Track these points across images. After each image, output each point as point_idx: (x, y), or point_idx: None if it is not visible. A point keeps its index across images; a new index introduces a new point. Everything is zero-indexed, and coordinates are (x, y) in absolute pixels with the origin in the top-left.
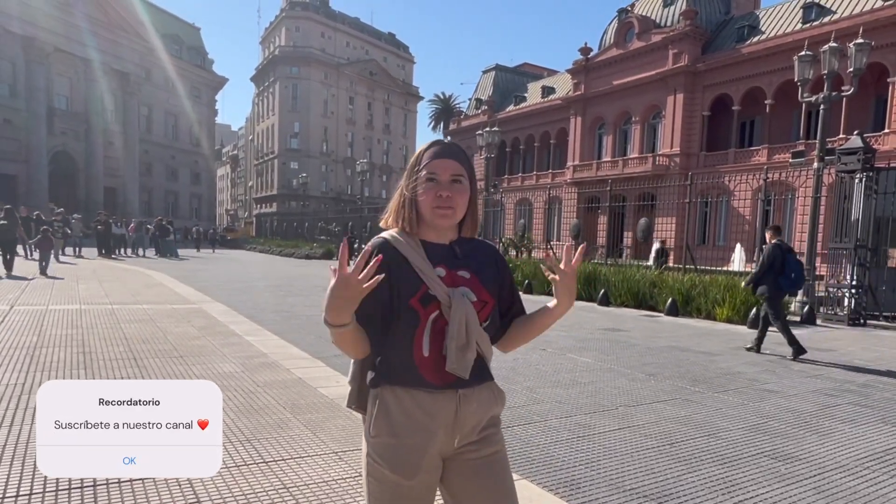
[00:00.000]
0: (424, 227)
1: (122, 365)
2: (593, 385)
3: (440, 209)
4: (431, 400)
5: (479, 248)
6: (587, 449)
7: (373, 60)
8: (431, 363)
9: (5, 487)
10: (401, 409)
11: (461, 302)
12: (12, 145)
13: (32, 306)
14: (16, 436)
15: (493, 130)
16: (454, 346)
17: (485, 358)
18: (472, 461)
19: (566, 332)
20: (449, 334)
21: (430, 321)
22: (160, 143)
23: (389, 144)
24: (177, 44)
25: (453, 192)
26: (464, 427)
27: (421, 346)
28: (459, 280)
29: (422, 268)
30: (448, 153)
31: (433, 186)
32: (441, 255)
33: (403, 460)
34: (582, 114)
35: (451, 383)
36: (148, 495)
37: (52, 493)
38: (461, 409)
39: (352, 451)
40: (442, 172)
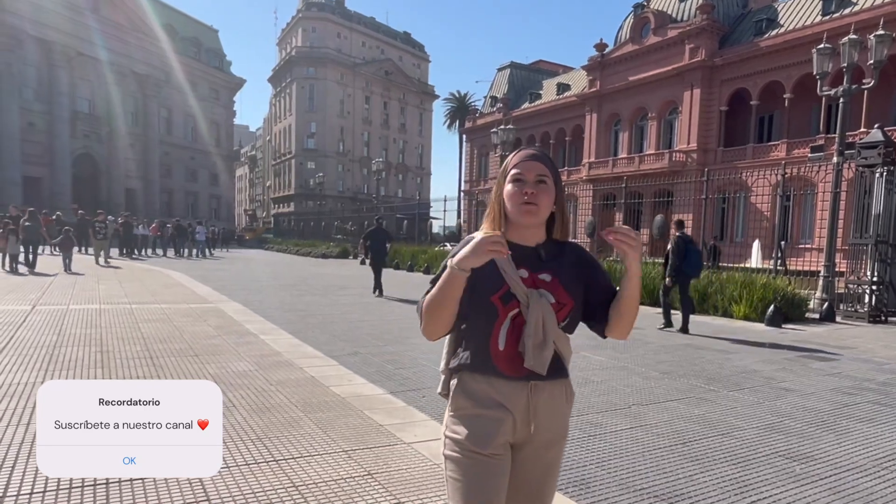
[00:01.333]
0: (512, 229)
1: (138, 364)
2: (606, 383)
3: (525, 206)
4: (506, 385)
5: (564, 251)
6: (598, 448)
7: (388, 60)
8: (506, 356)
9: (21, 484)
10: (478, 389)
11: (539, 302)
12: (37, 148)
13: (53, 306)
14: (31, 434)
15: (507, 128)
16: (531, 344)
17: (562, 356)
18: (539, 457)
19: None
20: (526, 332)
21: (508, 318)
22: (179, 144)
23: (405, 143)
24: (195, 46)
25: (538, 190)
26: (538, 415)
27: (497, 339)
28: (540, 283)
29: (505, 268)
30: (534, 156)
31: (519, 186)
32: (525, 257)
33: (481, 430)
34: (597, 110)
35: (523, 375)
36: (158, 492)
37: (65, 491)
38: (533, 398)
39: (361, 449)
40: (527, 172)
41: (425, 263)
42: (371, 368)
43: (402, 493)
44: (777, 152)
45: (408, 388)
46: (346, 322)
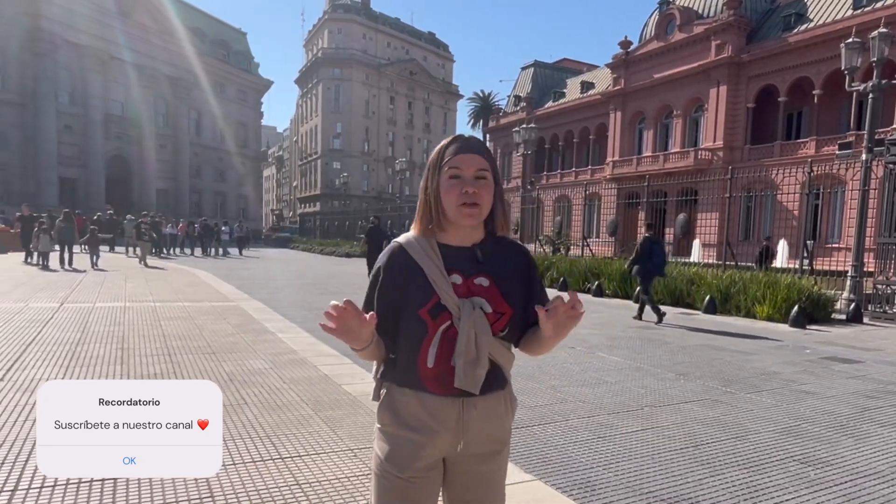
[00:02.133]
0: (447, 228)
1: (156, 361)
2: (620, 384)
3: (465, 207)
4: (435, 402)
5: (506, 252)
6: (606, 450)
7: (413, 60)
8: (434, 375)
9: (32, 479)
10: (404, 406)
11: (470, 315)
12: (72, 150)
13: (80, 304)
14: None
15: (529, 127)
16: (462, 363)
17: (501, 367)
18: (475, 472)
19: (598, 329)
20: (457, 350)
21: (439, 332)
22: (209, 145)
23: (429, 143)
24: (224, 49)
25: (479, 188)
26: (468, 432)
27: (426, 357)
28: (476, 289)
29: (434, 277)
30: (471, 148)
31: (457, 183)
32: (460, 260)
33: (398, 453)
34: (622, 109)
35: (454, 393)
36: (164, 490)
37: (73, 487)
38: (464, 415)
39: (367, 448)
40: (466, 168)
41: None
42: None
43: None
44: (805, 150)
45: None
46: None
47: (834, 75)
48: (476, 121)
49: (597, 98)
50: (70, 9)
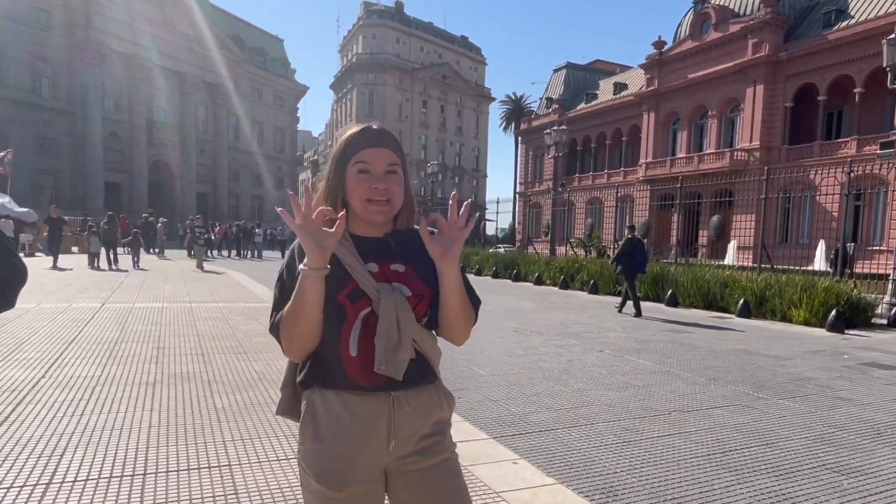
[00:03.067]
0: (356, 221)
1: (190, 360)
2: (648, 388)
3: (374, 203)
4: (362, 403)
5: (416, 238)
6: (631, 455)
7: (446, 64)
8: (359, 363)
9: (66, 472)
10: (328, 414)
11: (390, 296)
12: (117, 156)
13: (120, 304)
14: (84, 425)
15: (560, 129)
16: (382, 345)
17: (427, 358)
18: (417, 472)
19: (626, 332)
20: (378, 331)
21: (360, 318)
22: (246, 150)
23: (461, 146)
24: (262, 56)
25: (389, 183)
26: (399, 433)
27: (348, 344)
28: (393, 275)
29: (351, 263)
30: (380, 141)
31: (366, 179)
32: (373, 249)
33: (329, 469)
34: (655, 110)
35: (381, 385)
36: (191, 485)
37: (104, 480)
38: (395, 413)
39: None
40: (375, 163)
41: (477, 265)
42: None
43: None
44: (846, 149)
45: None
46: None
47: (876, 73)
48: (508, 123)
49: (630, 99)
50: (117, 19)
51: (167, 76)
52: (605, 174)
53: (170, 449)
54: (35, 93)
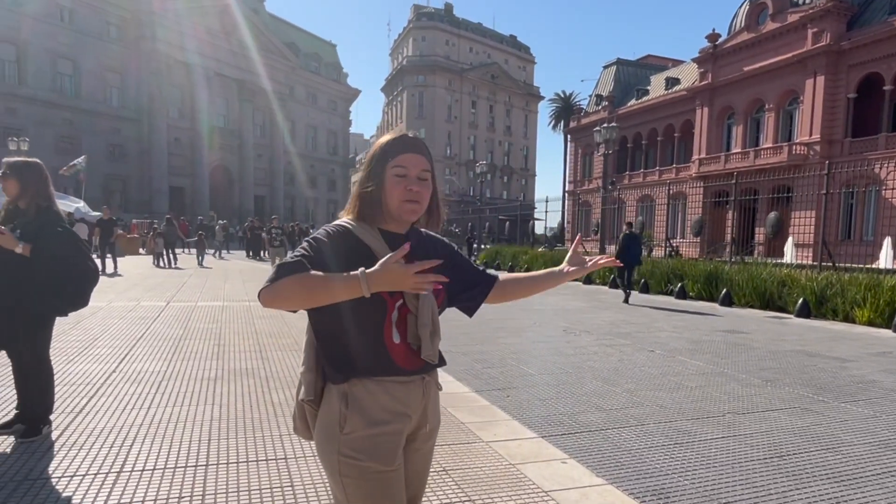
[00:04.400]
0: (387, 217)
1: (249, 357)
2: (701, 390)
3: (409, 203)
4: (403, 389)
5: (427, 240)
6: (684, 457)
7: (495, 64)
8: (403, 350)
9: (135, 462)
10: (375, 403)
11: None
12: (180, 161)
13: (184, 303)
14: (151, 416)
15: (611, 126)
16: (427, 334)
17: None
18: (421, 449)
19: (678, 332)
20: (421, 322)
21: (396, 309)
22: (301, 153)
23: (510, 146)
24: (316, 61)
25: (421, 188)
26: (427, 410)
27: (391, 333)
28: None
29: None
30: (416, 148)
31: (402, 181)
32: (400, 244)
33: (384, 448)
34: (709, 104)
35: (419, 369)
36: (249, 475)
37: (170, 470)
38: (426, 393)
39: (439, 445)
40: (412, 168)
41: (525, 265)
42: (459, 366)
43: (474, 490)
44: None
45: (493, 387)
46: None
47: None
48: (557, 122)
49: (682, 94)
50: (181, 31)
51: (227, 84)
52: (656, 171)
53: (230, 442)
54: (105, 102)
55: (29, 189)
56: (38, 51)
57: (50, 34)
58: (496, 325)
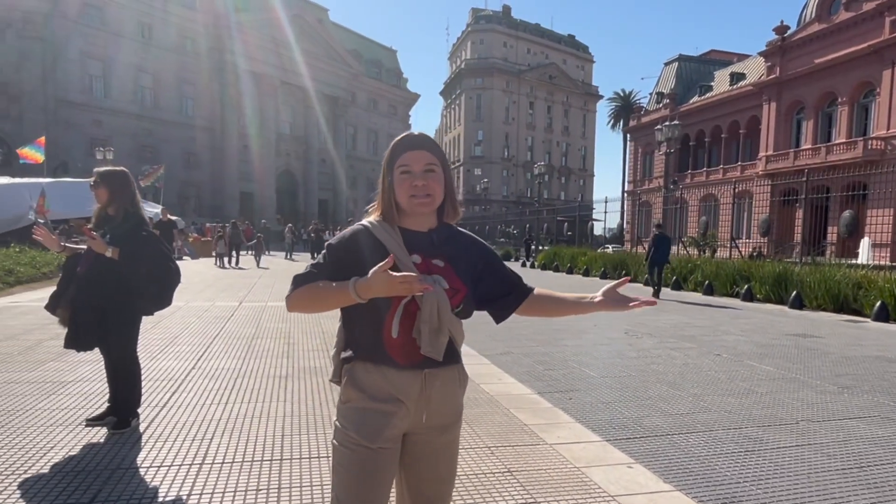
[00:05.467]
0: (404, 215)
1: (316, 356)
2: (771, 396)
3: (416, 198)
4: (398, 375)
5: (458, 238)
6: (755, 465)
7: (552, 64)
8: (399, 344)
9: (215, 455)
10: (370, 381)
11: (434, 288)
12: (248, 167)
13: (255, 303)
14: (228, 412)
15: (673, 124)
16: (427, 330)
17: (455, 342)
18: (432, 444)
19: (746, 336)
20: (421, 318)
21: (402, 305)
22: (363, 157)
23: (568, 146)
24: (377, 67)
25: (428, 180)
26: (431, 403)
27: (391, 327)
28: (434, 268)
29: (397, 254)
30: (419, 144)
31: (408, 178)
32: (418, 242)
33: (368, 423)
34: (777, 99)
35: (417, 363)
36: (321, 471)
37: (248, 464)
38: (426, 386)
39: (504, 447)
40: (415, 164)
41: (584, 265)
42: (521, 368)
43: (539, 492)
44: None
45: (555, 389)
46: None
47: None
48: (616, 121)
49: (748, 89)
50: (249, 42)
51: (293, 91)
52: (720, 169)
53: (302, 437)
54: (182, 113)
55: (117, 196)
56: (122, 66)
57: (132, 50)
58: (556, 327)
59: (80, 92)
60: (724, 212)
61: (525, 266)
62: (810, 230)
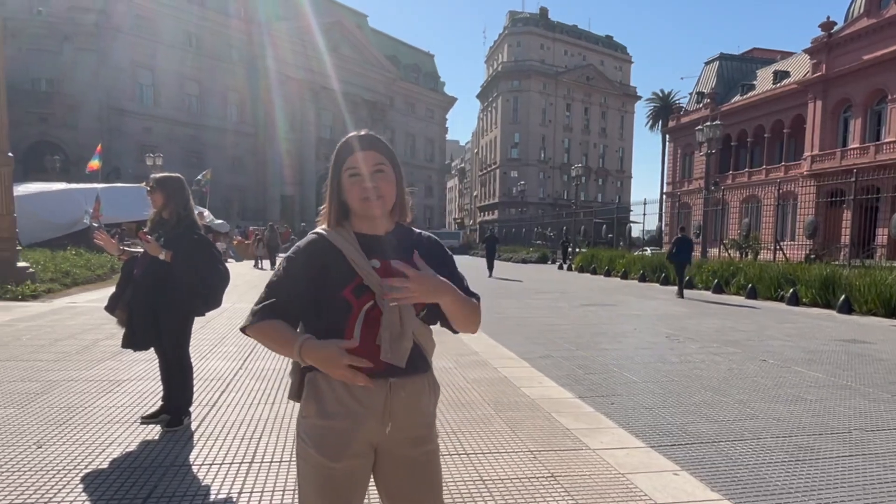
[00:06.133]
0: (357, 220)
1: None
2: (821, 403)
3: (368, 201)
4: (362, 387)
5: (417, 240)
6: (807, 475)
7: (590, 65)
8: (360, 352)
9: (271, 453)
10: (331, 393)
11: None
12: (290, 171)
13: None
14: (276, 411)
15: (714, 124)
16: (388, 336)
17: (423, 349)
18: (405, 458)
19: (792, 341)
20: (383, 324)
21: (363, 311)
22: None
23: (605, 147)
24: (415, 72)
25: (378, 181)
26: (396, 415)
27: (352, 334)
28: (394, 271)
29: (356, 259)
30: (366, 145)
31: (357, 180)
32: (375, 246)
33: (330, 443)
34: (822, 97)
35: (381, 372)
36: None
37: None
38: (391, 397)
39: (547, 451)
40: (363, 165)
41: (623, 268)
42: (561, 372)
43: (584, 498)
44: None
45: (597, 393)
46: (539, 325)
47: None
48: (654, 122)
49: (793, 87)
50: (290, 49)
51: (332, 96)
52: (763, 170)
53: None
54: (226, 119)
55: (171, 200)
56: (170, 74)
57: (179, 59)
58: (595, 331)
59: (131, 100)
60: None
61: (562, 269)
62: (859, 232)
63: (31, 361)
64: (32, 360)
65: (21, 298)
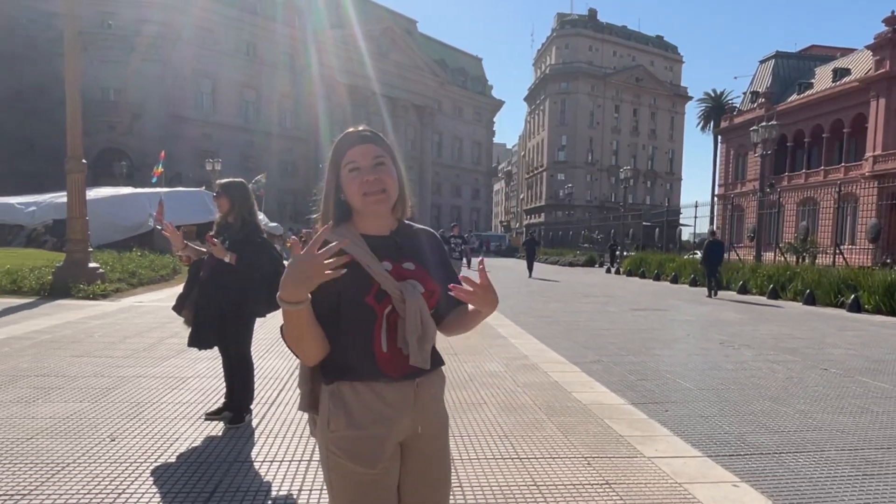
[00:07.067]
0: (361, 219)
1: None
2: (889, 416)
3: (371, 195)
4: (391, 390)
5: (420, 237)
6: (875, 490)
7: (639, 66)
8: (390, 357)
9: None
10: (360, 403)
11: (414, 295)
12: None
13: None
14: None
15: (769, 125)
16: (414, 339)
17: (434, 345)
18: (427, 451)
19: (856, 350)
20: (408, 329)
21: (384, 316)
22: (447, 164)
23: (654, 149)
24: (462, 76)
25: (379, 174)
26: (424, 413)
27: (380, 341)
28: (405, 273)
29: (370, 264)
30: (364, 139)
31: (357, 175)
32: (384, 248)
33: (366, 451)
34: (886, 95)
35: (409, 374)
36: None
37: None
38: (419, 396)
39: (600, 457)
40: (361, 159)
41: (672, 272)
42: (613, 377)
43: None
44: None
45: (650, 400)
46: (589, 329)
47: None
48: (706, 123)
49: (854, 85)
50: (343, 56)
51: (382, 101)
52: (821, 171)
53: None
54: (280, 125)
55: (236, 205)
56: (228, 82)
57: (237, 67)
58: (647, 336)
59: (192, 108)
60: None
61: (609, 272)
62: None
63: (102, 358)
64: (104, 357)
65: (92, 297)
